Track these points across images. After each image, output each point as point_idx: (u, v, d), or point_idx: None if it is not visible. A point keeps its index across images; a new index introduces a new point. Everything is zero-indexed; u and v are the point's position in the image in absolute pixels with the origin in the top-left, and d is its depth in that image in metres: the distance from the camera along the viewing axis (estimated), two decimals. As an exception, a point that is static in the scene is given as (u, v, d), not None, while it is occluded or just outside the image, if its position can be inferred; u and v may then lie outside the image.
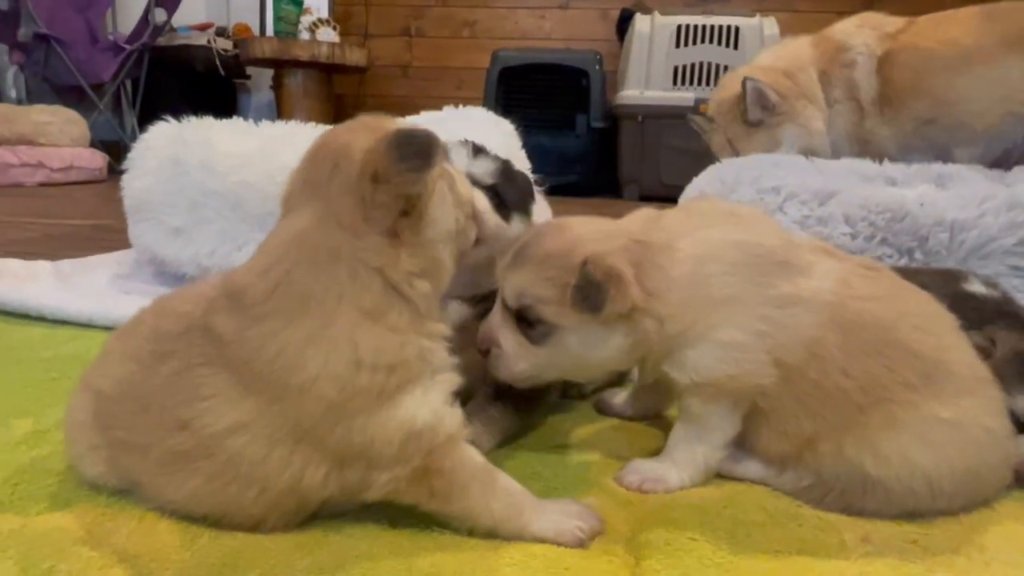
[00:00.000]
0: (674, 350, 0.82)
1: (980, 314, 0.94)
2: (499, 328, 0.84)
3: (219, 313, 0.69)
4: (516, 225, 0.96)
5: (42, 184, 4.15)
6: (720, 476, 0.87)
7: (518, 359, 0.83)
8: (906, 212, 1.31)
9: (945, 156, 2.04)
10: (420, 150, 0.64)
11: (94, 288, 1.63)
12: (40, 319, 1.41)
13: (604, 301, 0.76)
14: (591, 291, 0.76)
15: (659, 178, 4.26)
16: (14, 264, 1.62)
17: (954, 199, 1.31)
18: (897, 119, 2.24)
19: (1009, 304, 1.00)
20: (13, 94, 4.92)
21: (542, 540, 0.71)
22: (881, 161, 1.88)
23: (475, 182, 0.92)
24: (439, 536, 0.72)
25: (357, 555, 0.69)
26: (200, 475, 0.68)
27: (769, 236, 0.84)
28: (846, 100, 2.35)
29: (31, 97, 4.92)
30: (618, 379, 1.13)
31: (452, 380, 0.72)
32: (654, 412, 1.05)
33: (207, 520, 0.71)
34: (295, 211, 0.70)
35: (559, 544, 0.71)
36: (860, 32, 2.34)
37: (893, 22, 2.31)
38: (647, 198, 4.29)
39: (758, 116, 2.37)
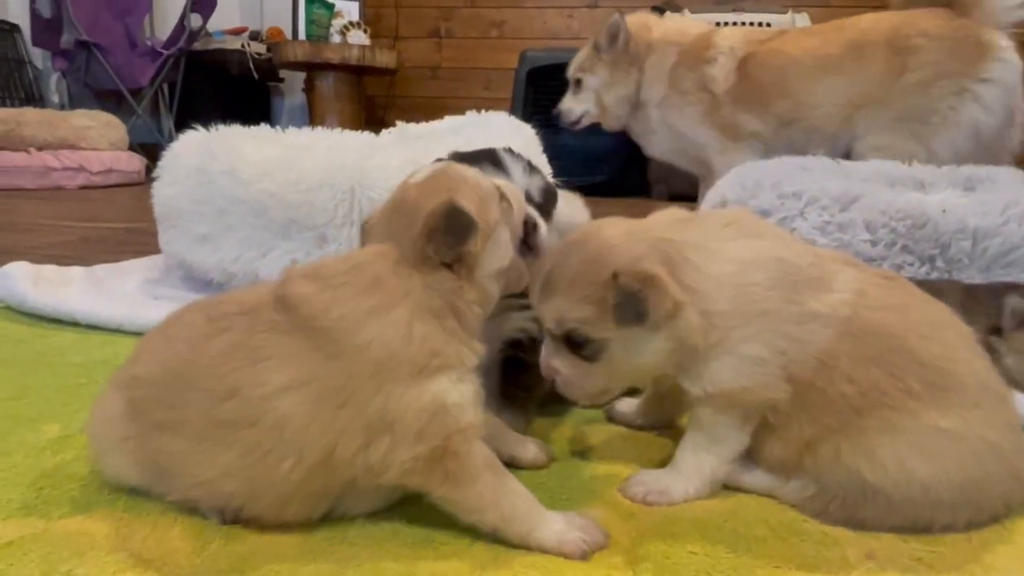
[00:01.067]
0: (693, 361, 0.82)
1: None
2: (553, 356, 0.86)
3: (295, 281, 0.76)
4: (552, 237, 1.00)
5: (82, 187, 4.28)
6: (724, 488, 0.87)
7: (582, 380, 0.85)
8: (927, 219, 1.29)
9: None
10: (460, 228, 0.76)
11: (125, 293, 1.68)
12: (73, 324, 1.46)
13: (647, 309, 0.77)
14: (632, 303, 0.77)
15: (688, 178, 4.22)
16: (48, 270, 1.67)
17: (976, 206, 1.29)
18: (763, 116, 2.51)
19: None
20: (56, 99, 5.08)
21: (544, 547, 0.73)
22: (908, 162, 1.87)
23: (529, 200, 0.96)
24: (441, 546, 0.74)
25: (360, 563, 0.71)
26: (238, 446, 0.72)
27: (801, 254, 0.85)
28: (697, 91, 2.66)
29: (73, 102, 5.07)
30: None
31: (478, 387, 0.78)
32: (664, 422, 1.06)
33: (232, 502, 0.74)
34: (378, 238, 0.81)
35: (562, 554, 0.72)
36: (732, 35, 2.68)
37: (767, 32, 2.69)
38: (676, 197, 4.25)
39: (601, 45, 2.87)
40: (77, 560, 0.70)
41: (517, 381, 1.01)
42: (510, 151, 1.07)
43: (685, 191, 4.02)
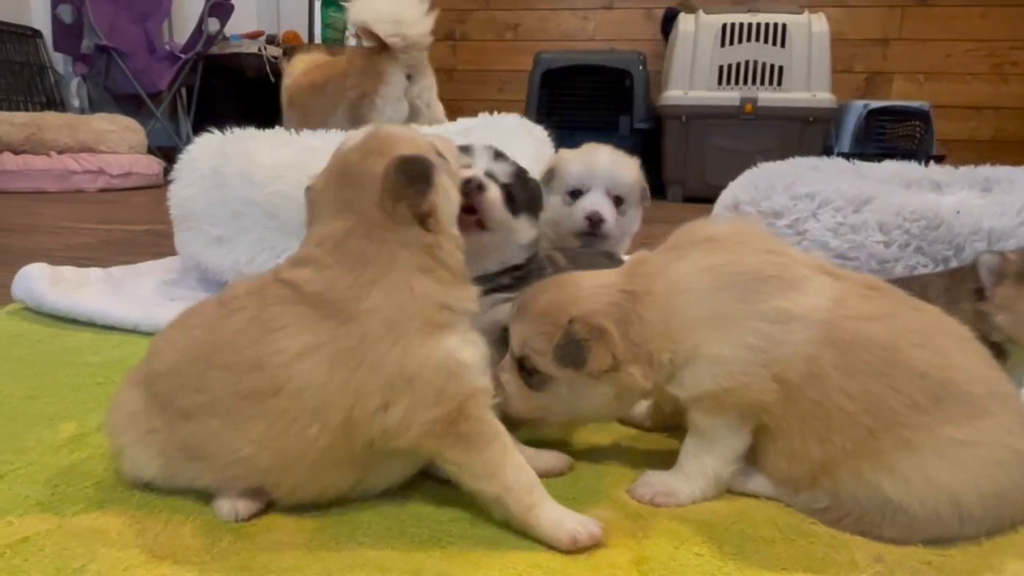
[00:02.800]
0: (674, 373, 0.84)
1: None
2: (505, 370, 0.90)
3: (288, 271, 0.79)
4: (523, 223, 1.04)
5: (102, 190, 4.34)
6: (732, 491, 0.86)
7: (517, 401, 0.89)
8: (941, 220, 1.28)
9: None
10: (421, 174, 0.77)
11: (141, 294, 1.71)
12: (90, 325, 1.48)
13: (586, 358, 0.81)
14: (572, 349, 0.81)
15: (704, 179, 4.21)
16: (66, 271, 1.70)
17: (992, 207, 1.27)
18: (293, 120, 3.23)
19: None
20: (76, 103, 5.15)
21: (540, 527, 0.73)
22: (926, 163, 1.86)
23: (492, 178, 1.00)
24: (448, 545, 0.74)
25: (366, 560, 0.71)
26: (267, 416, 0.73)
27: (749, 254, 0.84)
28: None
29: (93, 106, 5.14)
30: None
31: (482, 348, 0.80)
32: (674, 423, 1.05)
33: (270, 476, 0.76)
34: (331, 216, 0.80)
35: (554, 538, 0.73)
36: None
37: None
38: (692, 199, 4.25)
39: None
40: (90, 556, 0.71)
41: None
42: (488, 146, 1.08)
43: (701, 193, 4.01)
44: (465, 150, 1.03)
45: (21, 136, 4.22)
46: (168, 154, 4.88)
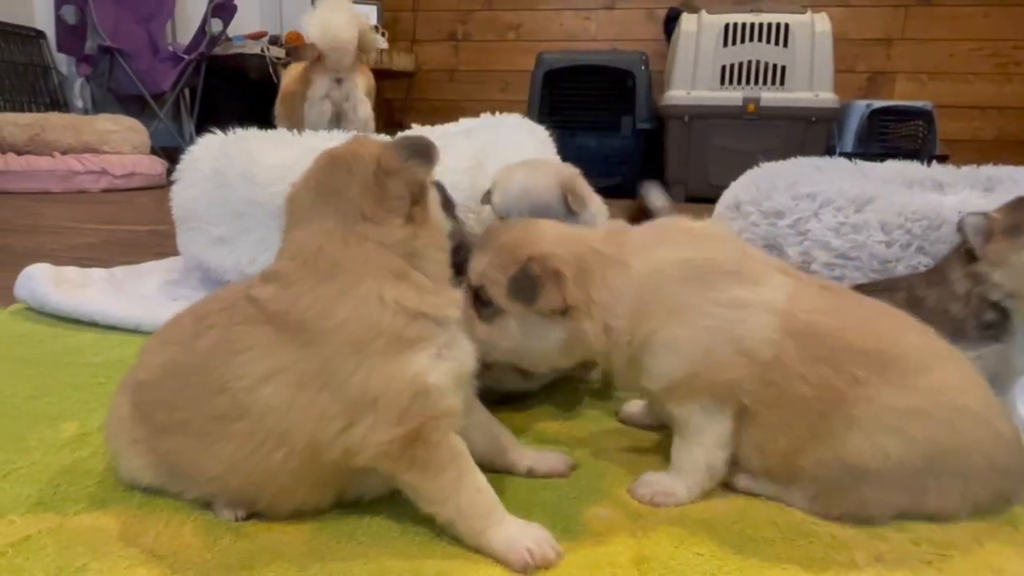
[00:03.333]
0: (640, 364, 0.85)
1: None
2: (470, 305, 0.91)
3: (257, 288, 0.76)
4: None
5: (105, 190, 4.35)
6: (732, 491, 0.87)
7: (488, 338, 0.89)
8: (943, 220, 1.27)
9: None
10: (421, 149, 0.77)
11: (144, 295, 1.71)
12: (92, 325, 1.49)
13: (537, 295, 0.83)
14: (526, 283, 0.83)
15: (706, 179, 4.21)
16: (70, 271, 1.70)
17: (992, 207, 1.27)
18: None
19: None
20: (80, 104, 5.16)
21: (492, 549, 0.72)
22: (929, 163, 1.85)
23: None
24: (448, 545, 0.74)
25: (366, 560, 0.71)
26: (236, 438, 0.73)
27: (719, 251, 0.87)
28: None
29: (96, 107, 5.15)
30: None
31: (463, 363, 0.77)
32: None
33: (246, 496, 0.76)
34: (309, 220, 0.77)
35: (504, 561, 0.71)
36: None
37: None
38: (694, 199, 4.24)
39: None
40: (91, 555, 0.71)
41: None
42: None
43: (703, 193, 4.00)
44: None
45: (25, 137, 4.23)
46: (171, 155, 4.90)
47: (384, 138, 0.87)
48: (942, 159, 3.43)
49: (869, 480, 0.78)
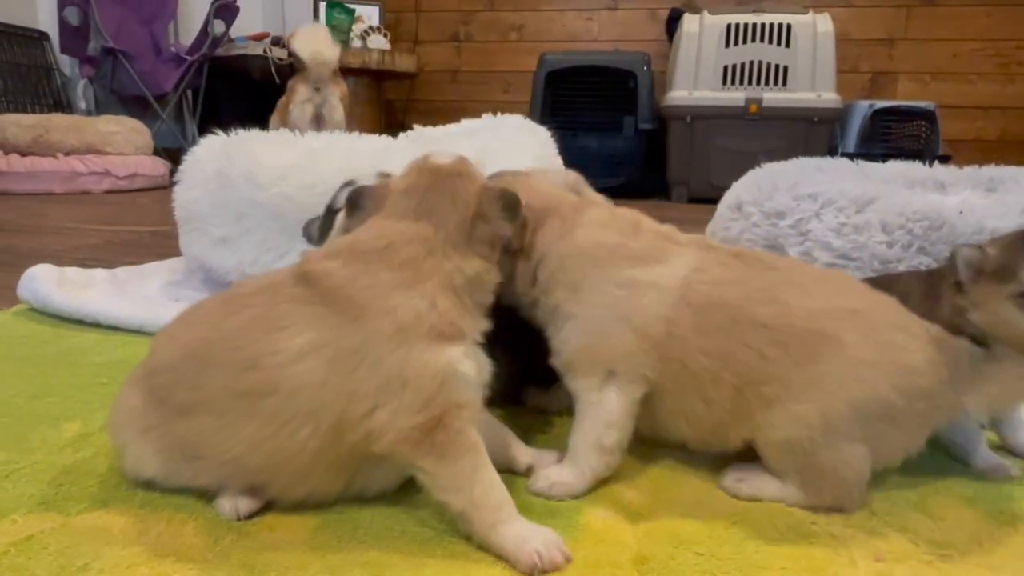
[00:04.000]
0: (550, 336, 0.92)
1: None
2: None
3: (317, 260, 0.80)
4: None
5: (108, 191, 4.36)
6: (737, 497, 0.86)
7: None
8: (944, 220, 1.27)
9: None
10: (512, 204, 0.86)
11: (146, 295, 1.71)
12: (95, 325, 1.49)
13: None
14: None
15: (708, 180, 4.21)
16: (72, 272, 1.71)
17: (994, 207, 1.27)
18: None
19: None
20: (83, 105, 5.17)
21: (501, 546, 0.72)
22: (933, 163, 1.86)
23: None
24: (449, 545, 0.75)
25: (367, 560, 0.72)
26: (260, 416, 0.74)
27: (641, 241, 0.92)
28: None
29: (99, 108, 5.16)
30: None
31: (484, 371, 0.80)
32: None
33: (260, 477, 0.77)
34: (406, 219, 0.83)
35: (514, 560, 0.71)
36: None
37: None
38: (696, 200, 4.24)
39: None
40: (94, 554, 0.72)
41: None
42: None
43: (705, 193, 4.01)
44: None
45: (28, 138, 4.24)
46: (174, 156, 4.91)
47: (477, 175, 0.91)
48: (945, 159, 3.43)
49: (807, 445, 0.81)
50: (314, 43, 3.72)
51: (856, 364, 0.81)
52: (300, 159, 1.59)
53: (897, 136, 4.25)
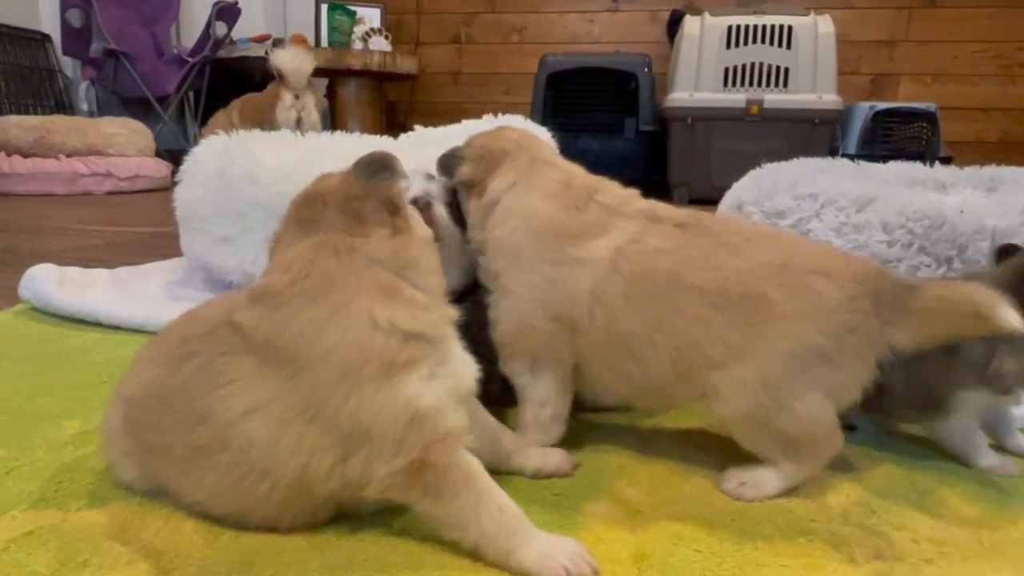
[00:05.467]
0: (489, 303, 0.97)
1: None
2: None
3: (242, 310, 0.74)
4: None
5: (110, 193, 4.36)
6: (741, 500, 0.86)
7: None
8: (944, 220, 1.27)
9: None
10: (382, 163, 0.78)
11: (147, 295, 1.72)
12: (96, 325, 1.49)
13: (455, 169, 1.02)
14: (450, 161, 1.04)
15: (709, 181, 4.20)
16: (73, 272, 1.71)
17: (995, 206, 1.27)
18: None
19: None
20: (85, 107, 5.18)
21: (524, 569, 0.68)
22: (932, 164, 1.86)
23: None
24: (447, 543, 0.74)
25: (367, 558, 0.71)
26: (217, 470, 0.72)
27: (577, 212, 0.94)
28: None
29: (101, 110, 5.17)
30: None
31: (461, 379, 0.75)
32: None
33: (228, 520, 0.75)
34: (296, 242, 0.77)
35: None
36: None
37: None
38: (697, 201, 4.24)
39: None
40: (92, 551, 0.72)
41: None
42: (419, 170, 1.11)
43: (706, 195, 4.00)
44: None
45: (30, 139, 4.25)
46: (176, 157, 4.89)
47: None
48: (946, 161, 3.43)
49: (769, 416, 0.82)
50: (295, 60, 4.31)
51: (781, 319, 0.82)
52: (301, 159, 1.60)
53: (898, 138, 4.25)
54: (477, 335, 0.99)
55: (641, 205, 0.96)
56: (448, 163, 1.04)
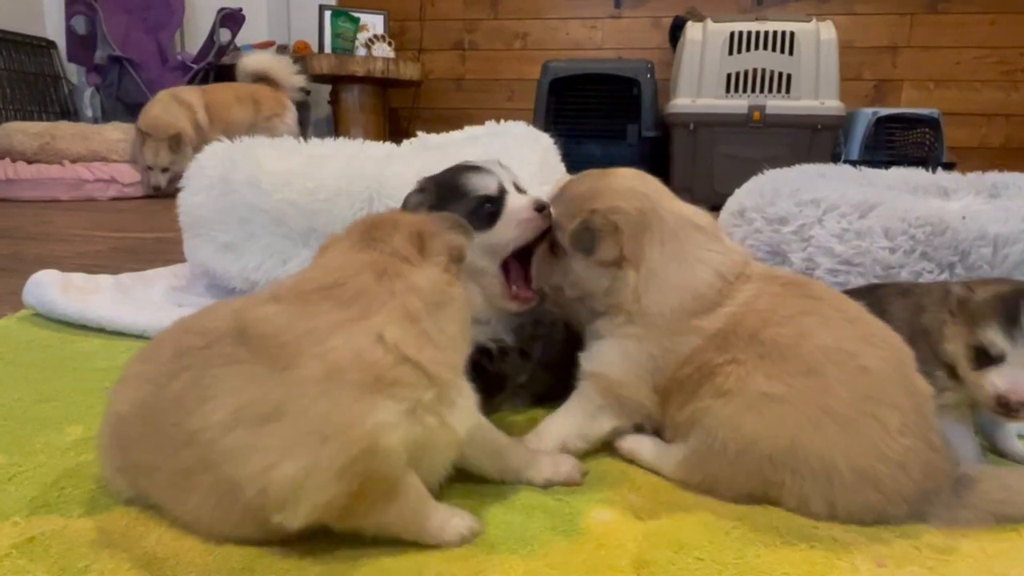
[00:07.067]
0: (594, 338, 0.97)
1: None
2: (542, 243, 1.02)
3: (256, 306, 0.74)
4: None
5: (114, 199, 4.37)
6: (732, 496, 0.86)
7: (537, 268, 1.02)
8: (947, 226, 1.27)
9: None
10: (458, 224, 0.84)
11: (150, 300, 1.72)
12: (99, 330, 1.50)
13: (595, 246, 0.93)
14: (585, 236, 0.93)
15: (712, 187, 4.20)
16: (77, 278, 1.72)
17: (998, 212, 1.26)
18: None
19: None
20: (89, 113, 5.20)
21: (432, 538, 0.74)
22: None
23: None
24: (447, 548, 0.74)
25: (366, 562, 0.72)
26: (199, 491, 0.72)
27: (718, 287, 0.92)
28: None
29: (105, 116, 5.18)
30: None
31: (448, 428, 0.74)
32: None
33: (219, 535, 0.74)
34: (350, 251, 0.79)
35: (441, 542, 0.75)
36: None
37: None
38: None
39: None
40: (94, 556, 0.72)
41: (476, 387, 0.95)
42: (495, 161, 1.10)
43: (709, 200, 3.99)
44: (473, 171, 1.03)
45: (35, 145, 4.26)
46: (179, 163, 4.93)
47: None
48: (949, 167, 3.43)
49: (724, 450, 0.83)
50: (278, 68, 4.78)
51: (823, 412, 0.80)
52: (303, 165, 1.60)
53: (901, 143, 4.24)
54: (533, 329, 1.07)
55: (759, 268, 0.97)
56: (583, 238, 0.94)
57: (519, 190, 1.03)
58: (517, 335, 1.08)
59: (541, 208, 0.97)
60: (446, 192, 1.02)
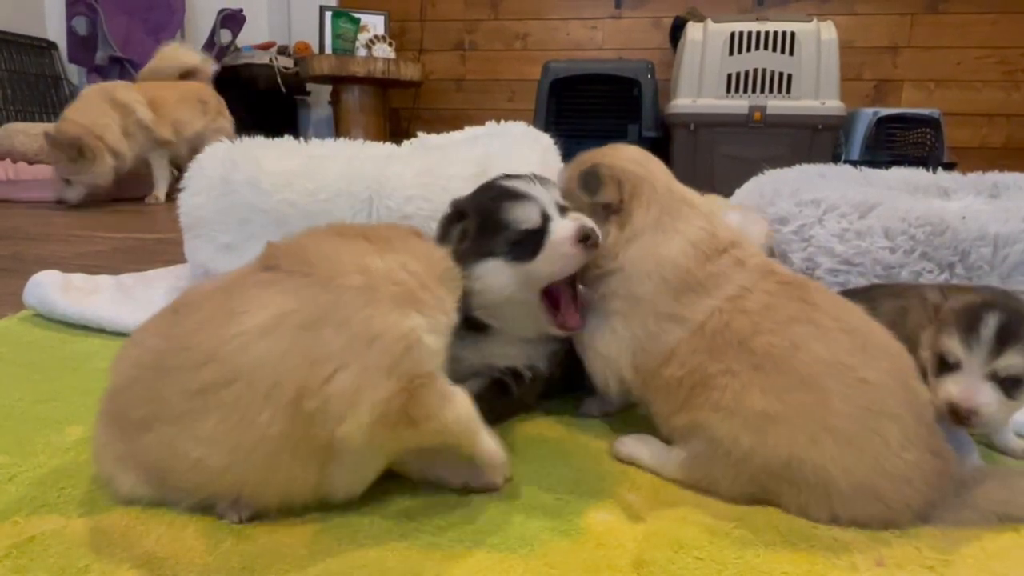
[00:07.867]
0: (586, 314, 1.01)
1: None
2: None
3: (290, 240, 0.85)
4: None
5: (114, 199, 4.37)
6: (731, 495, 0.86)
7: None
8: (947, 226, 1.27)
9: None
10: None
11: (151, 301, 1.72)
12: (100, 331, 1.50)
13: (599, 188, 0.97)
14: (591, 178, 0.98)
15: (712, 187, 4.18)
16: (77, 278, 1.72)
17: (998, 212, 1.27)
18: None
19: None
20: (90, 114, 5.18)
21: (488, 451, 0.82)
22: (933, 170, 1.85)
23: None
24: (447, 548, 0.75)
25: (366, 562, 0.72)
26: (217, 411, 0.71)
27: (706, 263, 0.93)
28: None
29: (107, 117, 5.18)
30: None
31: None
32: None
33: (227, 481, 0.74)
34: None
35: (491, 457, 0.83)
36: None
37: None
38: (700, 207, 4.23)
39: None
40: (94, 556, 0.72)
41: (492, 407, 0.94)
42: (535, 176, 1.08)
43: (709, 201, 3.99)
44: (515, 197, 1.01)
45: (36, 146, 4.26)
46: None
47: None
48: (950, 167, 3.43)
49: (724, 460, 0.84)
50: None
51: (822, 428, 0.80)
52: (303, 166, 1.60)
53: (902, 144, 4.24)
54: None
55: (760, 259, 0.96)
56: (589, 181, 0.98)
57: (560, 208, 1.00)
58: (551, 361, 1.08)
59: (586, 238, 0.94)
60: (487, 223, 1.00)
